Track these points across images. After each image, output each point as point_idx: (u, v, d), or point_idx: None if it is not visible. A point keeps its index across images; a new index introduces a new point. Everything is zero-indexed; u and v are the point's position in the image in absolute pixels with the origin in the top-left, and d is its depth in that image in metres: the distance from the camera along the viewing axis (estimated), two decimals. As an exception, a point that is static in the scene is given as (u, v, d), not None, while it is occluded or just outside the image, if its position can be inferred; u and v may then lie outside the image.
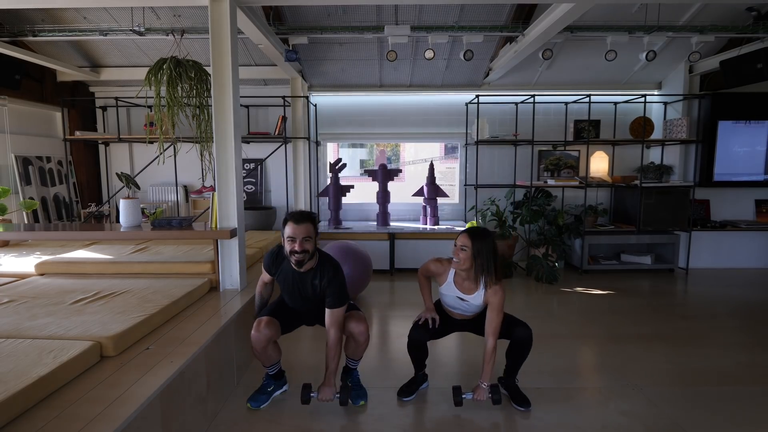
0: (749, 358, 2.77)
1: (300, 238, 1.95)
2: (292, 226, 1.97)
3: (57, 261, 3.00)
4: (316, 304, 2.15)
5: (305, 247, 1.96)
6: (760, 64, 3.93)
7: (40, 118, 4.81)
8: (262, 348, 2.07)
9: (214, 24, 2.72)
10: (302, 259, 1.97)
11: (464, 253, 2.03)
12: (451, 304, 2.21)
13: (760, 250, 5.18)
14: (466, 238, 2.05)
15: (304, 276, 2.08)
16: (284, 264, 2.11)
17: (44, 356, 1.60)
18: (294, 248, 1.95)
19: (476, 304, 2.13)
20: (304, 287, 2.10)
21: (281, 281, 2.16)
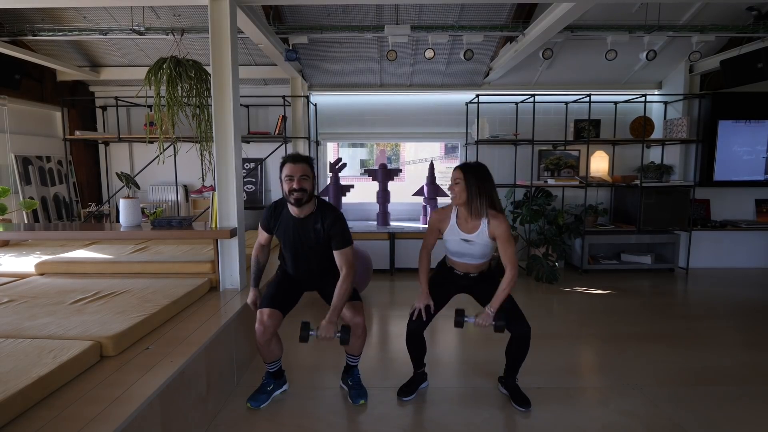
0: (750, 357, 2.77)
1: (298, 176, 1.97)
2: (289, 165, 1.99)
3: (57, 261, 3.00)
4: (317, 254, 2.11)
5: (303, 185, 1.98)
6: (760, 64, 3.92)
7: (39, 118, 4.81)
8: (267, 340, 2.08)
9: (213, 23, 2.71)
10: (301, 197, 1.97)
11: (458, 186, 2.05)
12: (455, 249, 2.16)
13: (761, 249, 5.18)
14: (458, 171, 2.09)
15: (304, 222, 2.07)
16: (283, 214, 2.10)
17: (44, 356, 1.60)
18: (293, 186, 1.96)
19: (482, 243, 2.09)
20: (306, 234, 2.08)
21: (281, 234, 2.13)
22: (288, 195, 2.00)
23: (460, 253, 2.17)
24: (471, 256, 2.16)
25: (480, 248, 2.12)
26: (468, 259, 2.17)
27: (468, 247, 2.13)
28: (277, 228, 2.15)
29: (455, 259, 2.22)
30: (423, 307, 2.16)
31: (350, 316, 2.11)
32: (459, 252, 2.17)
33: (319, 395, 2.28)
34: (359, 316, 2.12)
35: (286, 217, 2.10)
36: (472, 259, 2.17)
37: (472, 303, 2.29)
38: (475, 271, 2.21)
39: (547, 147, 5.25)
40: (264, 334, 2.06)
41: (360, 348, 2.22)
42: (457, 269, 2.23)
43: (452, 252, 2.20)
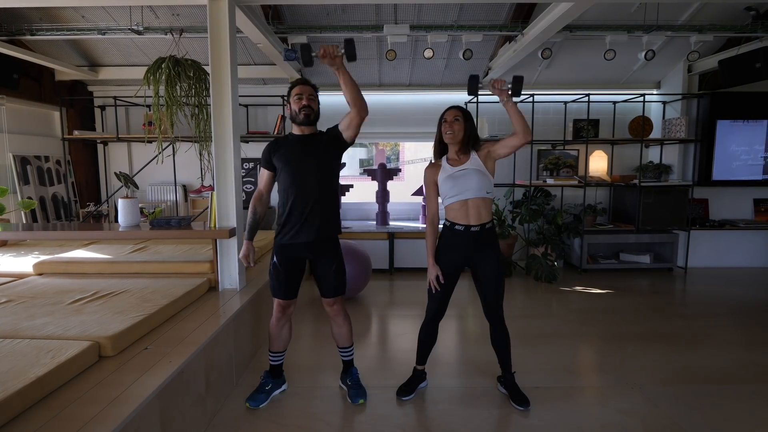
0: (748, 356, 2.77)
1: (306, 95, 2.11)
2: (299, 86, 2.14)
3: (55, 261, 3.00)
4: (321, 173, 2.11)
5: (311, 104, 2.11)
6: (758, 64, 3.93)
7: (38, 118, 4.80)
8: (281, 329, 2.20)
9: (212, 23, 2.71)
10: (309, 112, 2.10)
11: (458, 124, 2.11)
12: (452, 191, 2.11)
13: (759, 249, 5.19)
14: (456, 110, 2.15)
15: (309, 138, 2.14)
16: (286, 142, 2.16)
17: (42, 356, 1.59)
18: (302, 104, 2.09)
19: (476, 169, 2.10)
20: (311, 150, 2.11)
21: (283, 159, 2.10)
22: (297, 113, 2.10)
23: (458, 190, 2.10)
24: (469, 189, 2.08)
25: (475, 176, 2.08)
26: (467, 194, 2.09)
27: (463, 180, 2.09)
28: (278, 155, 2.13)
29: (453, 199, 2.12)
30: (433, 278, 2.15)
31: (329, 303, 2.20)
32: (456, 192, 2.10)
33: (318, 395, 2.28)
34: (338, 304, 2.20)
35: (289, 141, 2.16)
36: (471, 193, 2.09)
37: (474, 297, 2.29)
38: (477, 224, 2.11)
39: (546, 147, 5.25)
40: (280, 321, 2.19)
41: (348, 336, 2.26)
42: (458, 224, 2.13)
43: (449, 190, 2.13)
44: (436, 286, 2.15)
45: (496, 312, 2.18)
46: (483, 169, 2.12)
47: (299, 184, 2.09)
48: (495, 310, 2.18)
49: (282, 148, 2.14)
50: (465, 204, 2.11)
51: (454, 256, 2.17)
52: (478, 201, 2.11)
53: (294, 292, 2.19)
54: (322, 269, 2.16)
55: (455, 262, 2.17)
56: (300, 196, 2.09)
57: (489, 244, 2.15)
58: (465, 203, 2.11)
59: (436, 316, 2.24)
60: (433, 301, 2.22)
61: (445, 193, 2.16)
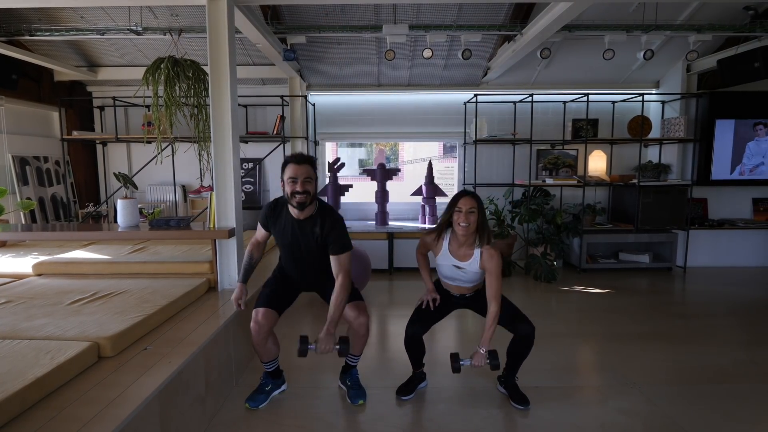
0: (747, 355, 2.78)
1: (301, 179, 1.92)
2: (293, 167, 1.94)
3: (54, 261, 2.99)
4: (315, 255, 2.09)
5: (306, 188, 1.93)
6: (757, 63, 3.94)
7: (37, 118, 4.80)
8: (263, 339, 2.07)
9: (211, 23, 2.71)
10: (304, 200, 1.93)
11: (473, 215, 2.03)
12: (448, 274, 2.18)
13: (758, 248, 5.19)
14: (471, 200, 2.05)
15: (303, 224, 2.03)
16: (283, 214, 2.07)
17: (41, 357, 1.59)
18: (296, 189, 1.92)
19: (473, 272, 2.11)
20: (304, 236, 2.05)
21: (279, 234, 2.10)
22: (290, 197, 1.95)
23: (451, 278, 2.20)
24: (463, 281, 2.18)
25: (471, 275, 2.14)
26: (460, 282, 2.20)
27: (460, 273, 2.16)
28: (274, 227, 2.12)
29: (448, 282, 2.24)
30: (431, 299, 2.19)
31: (354, 316, 2.08)
32: (451, 276, 2.20)
33: (317, 395, 2.28)
34: (363, 316, 2.10)
35: (286, 216, 2.07)
36: (464, 283, 2.19)
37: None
38: (471, 292, 2.24)
39: (545, 146, 5.25)
40: (259, 333, 2.05)
41: (361, 348, 2.22)
42: (452, 291, 2.26)
43: (444, 275, 2.23)
44: (431, 303, 2.20)
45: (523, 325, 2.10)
46: (480, 272, 2.13)
47: (295, 258, 2.14)
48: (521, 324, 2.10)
49: (277, 223, 2.10)
50: (459, 286, 2.23)
51: (448, 305, 2.28)
52: (472, 286, 2.21)
53: (277, 305, 2.11)
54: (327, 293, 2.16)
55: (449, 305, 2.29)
56: (297, 265, 2.16)
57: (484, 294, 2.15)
58: (459, 286, 2.22)
59: (416, 332, 2.19)
60: (418, 321, 2.19)
61: (441, 272, 2.24)
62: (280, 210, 2.09)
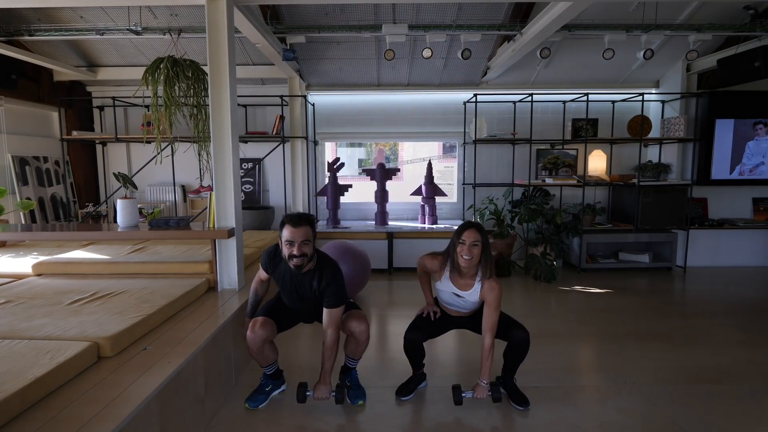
0: (746, 355, 2.77)
1: (299, 242, 1.91)
2: (290, 229, 1.93)
3: (54, 261, 2.99)
4: (314, 304, 2.13)
5: (304, 251, 1.93)
6: (757, 63, 3.93)
7: (36, 118, 4.79)
8: (258, 348, 2.06)
9: (211, 23, 2.71)
10: (301, 263, 1.94)
11: (477, 248, 2.02)
12: (447, 300, 2.21)
13: (758, 248, 5.19)
14: (476, 233, 2.03)
15: (302, 277, 2.06)
16: (282, 264, 2.08)
17: (41, 357, 1.59)
18: (293, 252, 1.92)
19: (472, 301, 2.12)
20: (302, 288, 2.08)
21: (279, 281, 2.15)
22: (288, 259, 1.95)
23: (450, 303, 2.21)
24: (462, 308, 2.20)
25: (470, 304, 2.16)
26: (458, 308, 2.21)
27: (459, 301, 2.17)
28: (274, 273, 2.14)
29: (447, 306, 2.25)
30: (431, 311, 2.23)
31: (355, 325, 2.09)
32: (449, 302, 2.21)
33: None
34: (363, 324, 2.11)
35: (285, 268, 2.07)
36: (462, 309, 2.21)
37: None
38: (469, 314, 2.25)
39: (544, 146, 5.25)
40: (255, 342, 2.02)
41: (361, 353, 2.22)
42: (450, 313, 2.28)
43: (443, 300, 2.24)
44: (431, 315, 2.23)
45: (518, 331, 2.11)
46: (478, 300, 2.13)
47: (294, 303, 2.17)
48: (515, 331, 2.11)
49: (277, 271, 2.11)
50: (458, 311, 2.23)
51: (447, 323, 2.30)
52: (470, 311, 2.22)
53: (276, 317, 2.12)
54: None
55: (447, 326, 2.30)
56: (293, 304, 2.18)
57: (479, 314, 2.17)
58: (458, 311, 2.23)
59: (417, 339, 2.19)
60: (418, 330, 2.20)
61: (441, 297, 2.25)
62: (279, 260, 2.09)
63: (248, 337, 2.03)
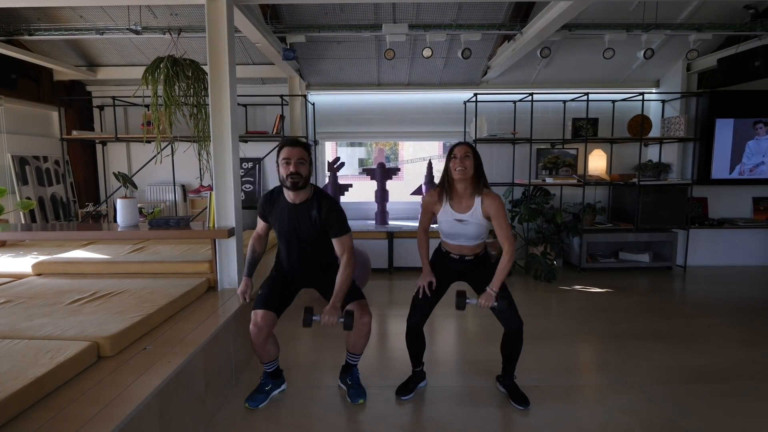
0: (746, 355, 2.77)
1: (295, 160, 1.98)
2: (287, 149, 2.00)
3: (54, 261, 2.99)
4: (313, 243, 2.10)
5: (299, 170, 1.99)
6: (757, 62, 3.93)
7: (36, 118, 4.79)
8: (262, 342, 2.07)
9: (210, 23, 2.71)
10: (297, 181, 1.98)
11: (469, 160, 2.05)
12: (450, 231, 2.15)
13: (758, 247, 5.19)
14: (466, 146, 2.08)
15: (300, 209, 2.06)
16: (279, 201, 2.10)
17: (41, 357, 1.59)
18: (289, 170, 1.97)
19: (476, 222, 2.09)
20: (301, 221, 2.06)
21: (277, 222, 2.12)
22: (285, 179, 2.00)
23: (454, 235, 2.15)
24: (465, 236, 2.14)
25: (474, 228, 2.11)
26: (462, 240, 2.15)
27: (462, 228, 2.12)
28: (272, 215, 2.13)
29: (449, 241, 2.19)
30: (426, 284, 2.17)
31: (358, 315, 2.10)
32: (453, 233, 2.15)
33: (317, 395, 2.28)
34: (366, 315, 2.11)
35: (282, 203, 2.09)
36: (467, 240, 2.15)
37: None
38: (471, 254, 2.18)
39: (545, 146, 5.25)
40: (258, 335, 2.05)
41: (362, 347, 2.22)
42: (452, 252, 2.21)
43: (446, 234, 2.19)
44: (427, 292, 2.17)
45: (512, 320, 2.12)
46: (482, 222, 2.11)
47: (292, 247, 2.14)
48: (511, 319, 2.12)
49: (274, 210, 2.12)
50: (460, 245, 2.18)
51: (447, 273, 2.24)
52: (474, 244, 2.18)
53: (275, 306, 2.10)
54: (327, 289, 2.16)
55: (447, 277, 2.24)
56: (296, 257, 2.15)
57: (483, 264, 2.18)
58: (460, 244, 2.18)
59: (418, 322, 2.21)
60: (417, 308, 2.20)
61: (442, 230, 2.21)
62: (276, 198, 2.12)
63: (251, 330, 2.05)
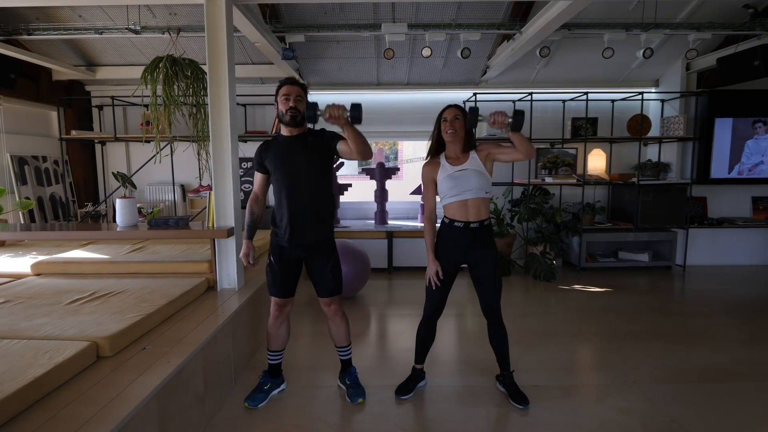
0: (746, 354, 2.78)
1: (294, 96, 2.06)
2: (286, 86, 2.09)
3: (53, 261, 2.99)
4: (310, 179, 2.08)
5: (298, 105, 2.07)
6: (756, 62, 3.93)
7: (35, 118, 4.79)
8: (279, 324, 2.21)
9: (209, 22, 2.70)
10: (296, 114, 2.06)
11: (459, 122, 2.12)
12: (451, 184, 2.12)
13: (757, 246, 5.19)
14: (455, 108, 2.15)
15: (297, 139, 2.12)
16: (274, 144, 2.15)
17: (40, 357, 1.59)
18: (289, 105, 2.05)
19: (475, 170, 2.11)
20: (299, 153, 2.09)
21: (273, 162, 2.11)
22: (284, 114, 2.07)
23: (456, 188, 2.11)
24: (468, 188, 2.10)
25: (475, 176, 2.10)
26: (466, 194, 2.10)
27: (463, 178, 2.10)
28: (268, 158, 2.14)
29: (453, 199, 2.13)
30: (433, 274, 2.15)
31: (324, 308, 2.21)
32: (455, 186, 2.11)
33: (317, 394, 2.28)
34: (335, 304, 2.19)
35: (278, 143, 2.15)
36: (470, 192, 2.10)
37: (473, 296, 2.29)
38: (476, 220, 2.13)
39: (544, 145, 5.25)
40: (277, 320, 2.19)
41: (347, 336, 2.26)
42: (456, 220, 2.15)
43: (449, 192, 2.14)
44: (435, 281, 2.16)
45: (494, 309, 2.19)
46: (483, 169, 2.13)
47: (290, 186, 2.09)
48: (493, 308, 2.19)
49: (272, 150, 2.14)
50: (465, 203, 2.13)
51: (453, 251, 2.18)
52: (478, 200, 2.13)
53: (290, 291, 2.19)
54: (317, 271, 2.16)
55: (454, 257, 2.19)
56: (292, 199, 2.09)
57: (486, 241, 2.17)
58: (464, 203, 2.13)
59: (434, 313, 2.24)
60: (432, 299, 2.23)
61: (445, 192, 2.17)
62: (271, 143, 2.18)
63: (272, 315, 2.19)
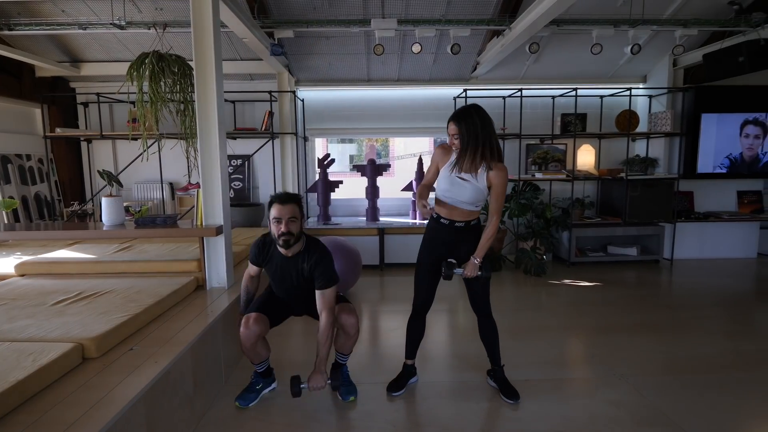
0: (733, 346, 2.82)
1: (286, 219, 1.95)
2: (277, 207, 1.97)
3: (38, 261, 2.93)
4: (305, 290, 2.11)
5: (291, 229, 1.96)
6: (741, 58, 3.98)
7: (18, 115, 4.68)
8: (252, 345, 2.05)
9: (196, 17, 2.66)
10: (289, 239, 1.97)
11: (458, 140, 2.03)
12: (447, 186, 2.09)
13: (742, 240, 5.28)
14: (454, 125, 2.03)
15: (291, 261, 2.06)
16: (272, 251, 2.09)
17: (23, 359, 1.56)
18: (280, 230, 1.95)
19: (475, 186, 2.04)
20: (293, 273, 2.07)
21: (270, 270, 2.13)
22: (276, 238, 1.99)
23: (450, 192, 2.09)
24: (460, 197, 2.07)
25: (471, 190, 2.05)
26: (457, 201, 2.09)
27: (460, 186, 2.06)
28: (266, 264, 2.14)
29: (444, 198, 2.12)
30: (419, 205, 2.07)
31: (344, 317, 2.08)
32: (449, 190, 2.09)
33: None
34: (352, 317, 2.10)
35: (275, 254, 2.09)
36: (461, 203, 2.09)
37: (463, 292, 2.29)
38: (462, 220, 2.13)
39: (534, 141, 5.27)
40: (249, 338, 2.02)
41: (351, 347, 2.21)
42: (443, 217, 2.14)
43: (442, 190, 2.12)
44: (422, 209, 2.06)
45: (482, 304, 2.20)
46: (483, 187, 2.08)
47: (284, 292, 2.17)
48: (481, 303, 2.20)
49: (269, 261, 2.12)
50: (454, 207, 2.13)
51: (438, 247, 2.19)
52: (466, 211, 2.14)
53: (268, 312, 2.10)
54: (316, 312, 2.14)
55: (439, 253, 2.18)
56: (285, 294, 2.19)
57: (472, 237, 2.16)
58: (454, 207, 2.13)
59: (423, 307, 2.25)
60: (420, 292, 2.23)
61: (440, 186, 2.16)
62: (268, 247, 2.11)
63: (242, 333, 2.02)
